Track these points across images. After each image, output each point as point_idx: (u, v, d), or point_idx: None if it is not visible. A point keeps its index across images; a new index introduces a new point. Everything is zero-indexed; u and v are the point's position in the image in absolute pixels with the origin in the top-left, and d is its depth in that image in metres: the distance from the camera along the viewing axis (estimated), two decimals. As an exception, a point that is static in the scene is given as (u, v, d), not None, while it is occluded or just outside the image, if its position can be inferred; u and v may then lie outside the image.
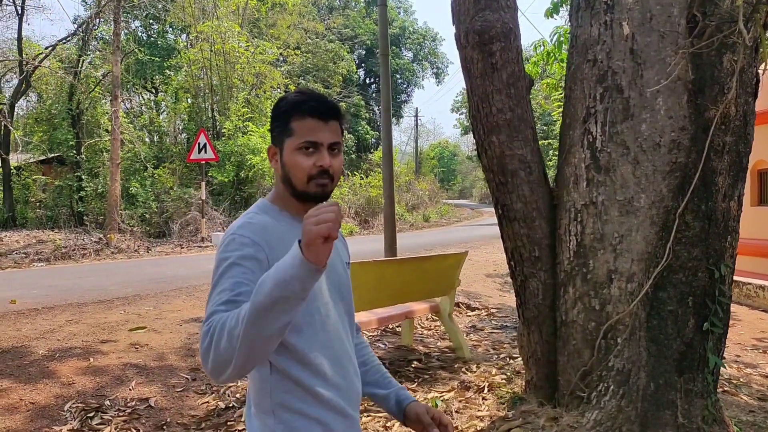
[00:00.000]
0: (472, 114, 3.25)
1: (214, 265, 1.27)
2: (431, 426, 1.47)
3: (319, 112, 1.33)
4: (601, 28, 3.05)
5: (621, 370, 2.93)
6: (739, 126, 3.14)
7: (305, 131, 1.32)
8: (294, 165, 1.33)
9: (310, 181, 1.32)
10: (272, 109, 1.40)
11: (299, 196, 1.35)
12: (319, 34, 31.10)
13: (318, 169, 1.31)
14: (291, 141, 1.33)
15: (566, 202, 3.15)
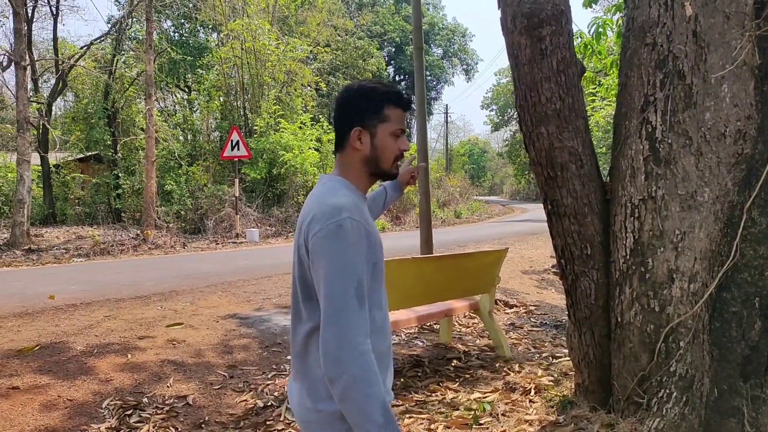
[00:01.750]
0: (518, 104, 3.09)
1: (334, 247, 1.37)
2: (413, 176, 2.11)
3: (406, 104, 1.57)
4: (660, 9, 2.85)
5: (683, 375, 2.75)
6: (811, 114, 2.92)
7: (398, 119, 1.55)
8: (387, 147, 1.54)
9: (394, 162, 1.57)
10: (357, 96, 1.55)
11: (381, 175, 1.58)
12: (349, 32, 31.03)
13: (401, 152, 1.57)
14: (386, 126, 1.53)
15: (622, 197, 2.97)
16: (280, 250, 13.36)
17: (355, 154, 1.54)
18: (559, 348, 5.25)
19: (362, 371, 1.32)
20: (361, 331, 1.34)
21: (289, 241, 16.32)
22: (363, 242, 1.39)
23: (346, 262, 1.36)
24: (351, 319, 1.33)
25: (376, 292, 1.49)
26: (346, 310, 1.34)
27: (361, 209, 1.45)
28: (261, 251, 13.26)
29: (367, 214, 1.50)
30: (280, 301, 7.06)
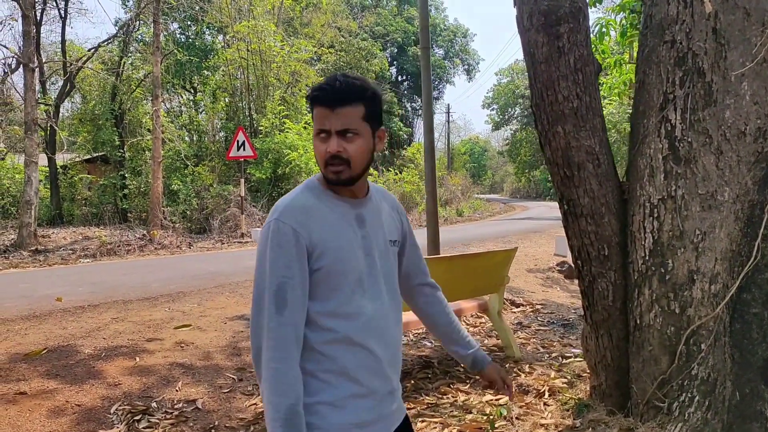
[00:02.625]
0: (534, 102, 3.04)
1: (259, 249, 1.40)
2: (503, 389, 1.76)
3: (322, 101, 1.38)
4: (679, 6, 2.80)
5: (706, 379, 2.69)
6: (832, 112, 2.86)
7: (318, 119, 1.40)
8: (315, 151, 1.43)
9: (326, 166, 1.40)
10: None
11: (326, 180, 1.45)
12: (352, 33, 31.03)
13: (328, 154, 1.38)
14: (315, 128, 1.41)
15: (640, 197, 2.91)
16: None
17: None
18: (568, 348, 5.19)
19: (267, 377, 1.33)
20: (274, 337, 1.33)
21: (294, 242, 16.27)
22: (288, 246, 1.34)
23: (265, 265, 1.36)
24: (263, 323, 1.34)
25: (333, 300, 1.40)
26: (260, 313, 1.35)
27: (301, 210, 1.39)
28: (267, 252, 13.23)
29: (319, 215, 1.40)
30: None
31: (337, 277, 1.40)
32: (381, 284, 1.49)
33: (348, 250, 1.42)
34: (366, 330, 1.43)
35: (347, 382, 1.41)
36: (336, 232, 1.41)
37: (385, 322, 1.48)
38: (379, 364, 1.46)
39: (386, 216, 1.57)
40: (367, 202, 1.52)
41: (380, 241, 1.51)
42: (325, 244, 1.39)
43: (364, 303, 1.43)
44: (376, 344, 1.45)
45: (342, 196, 1.46)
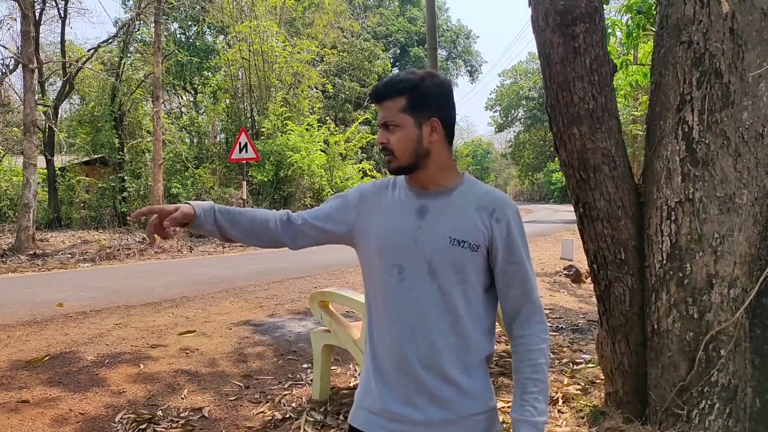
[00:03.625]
0: (549, 104, 2.98)
1: None
2: None
3: (372, 97, 1.51)
4: (696, 6, 2.74)
5: (726, 385, 2.63)
6: None
7: (378, 115, 1.50)
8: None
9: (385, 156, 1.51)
10: None
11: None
12: (355, 33, 30.98)
13: (379, 146, 1.50)
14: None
15: (657, 200, 2.85)
16: (289, 254, 13.26)
17: None
18: (578, 354, 5.13)
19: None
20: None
21: (296, 244, 16.21)
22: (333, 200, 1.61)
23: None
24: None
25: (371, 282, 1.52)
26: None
27: (368, 188, 1.59)
28: (269, 255, 13.16)
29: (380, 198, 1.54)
30: (293, 307, 6.96)
31: (376, 256, 1.47)
32: (428, 281, 1.41)
33: (393, 234, 1.46)
34: (396, 322, 1.43)
35: (373, 366, 1.49)
36: (387, 215, 1.49)
37: (421, 323, 1.40)
38: (406, 363, 1.41)
39: (460, 214, 1.44)
40: (439, 195, 1.47)
41: (439, 237, 1.42)
42: (374, 221, 1.50)
43: (398, 292, 1.43)
44: (405, 340, 1.42)
45: (411, 187, 1.51)
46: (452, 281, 1.41)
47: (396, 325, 1.43)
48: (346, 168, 21.69)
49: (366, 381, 1.52)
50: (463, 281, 1.42)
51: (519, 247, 1.46)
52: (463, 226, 1.43)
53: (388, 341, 1.45)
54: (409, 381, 1.42)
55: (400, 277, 1.42)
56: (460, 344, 1.43)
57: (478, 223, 1.44)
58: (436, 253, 1.41)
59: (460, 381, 1.42)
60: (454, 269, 1.41)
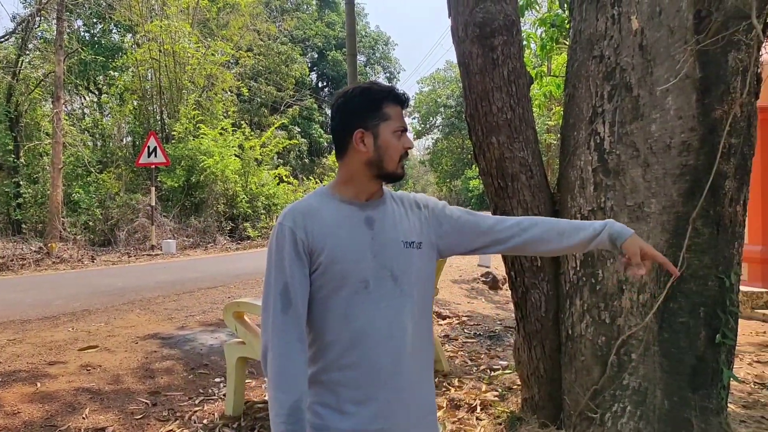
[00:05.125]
0: (468, 113, 3.00)
1: (267, 252, 1.48)
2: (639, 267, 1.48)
3: (404, 101, 1.51)
4: (608, 22, 2.85)
5: (637, 388, 2.73)
6: (744, 127, 3.00)
7: (398, 117, 1.49)
8: (391, 147, 1.47)
9: (399, 161, 1.49)
10: (353, 98, 1.50)
11: (386, 176, 1.49)
12: (271, 36, 30.51)
13: (405, 150, 1.50)
14: (388, 124, 1.47)
15: (571, 208, 2.93)
16: (200, 263, 12.77)
17: (357, 158, 1.49)
18: (495, 360, 5.22)
19: (272, 373, 1.38)
20: (278, 334, 1.38)
21: (208, 253, 15.66)
22: (288, 247, 1.41)
23: (271, 267, 1.44)
24: (269, 322, 1.40)
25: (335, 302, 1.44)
26: (267, 313, 1.42)
27: (302, 212, 1.45)
28: (180, 264, 12.61)
29: (321, 216, 1.45)
30: (205, 319, 6.65)
31: (338, 277, 1.42)
32: (391, 287, 1.45)
33: (351, 251, 1.43)
34: (367, 335, 1.43)
35: (348, 387, 1.43)
36: (337, 233, 1.44)
37: (390, 329, 1.44)
38: (380, 372, 1.43)
39: (401, 218, 1.53)
40: (379, 204, 1.52)
41: (393, 243, 1.47)
42: (325, 243, 1.42)
43: (367, 306, 1.43)
44: (379, 350, 1.43)
45: (351, 200, 1.49)
46: (413, 283, 1.48)
47: (367, 339, 1.43)
48: (261, 174, 21.24)
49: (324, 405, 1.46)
50: (421, 281, 1.51)
51: (450, 209, 1.62)
52: (407, 228, 1.52)
53: (356, 359, 1.43)
54: (387, 392, 1.44)
55: (366, 291, 1.43)
56: (425, 346, 1.53)
57: (415, 222, 1.54)
58: (395, 260, 1.46)
59: (427, 381, 1.53)
60: (413, 271, 1.49)
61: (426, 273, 1.53)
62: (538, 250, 1.59)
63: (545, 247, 1.57)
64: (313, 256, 1.42)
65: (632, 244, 1.48)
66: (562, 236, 1.55)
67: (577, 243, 1.55)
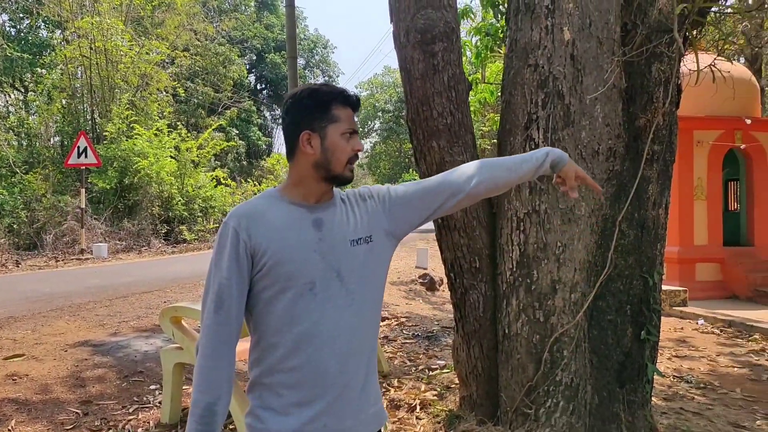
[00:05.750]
0: (410, 117, 3.06)
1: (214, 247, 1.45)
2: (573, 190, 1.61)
3: (353, 104, 1.50)
4: (542, 32, 2.97)
5: (569, 384, 2.85)
6: (666, 135, 3.20)
7: (348, 119, 1.48)
8: (340, 149, 1.46)
9: (347, 164, 1.48)
10: (301, 99, 1.48)
11: (334, 179, 1.48)
12: (209, 36, 29.86)
13: (355, 152, 1.49)
14: (336, 126, 1.46)
15: (507, 211, 3.04)
16: (134, 267, 12.34)
17: (304, 160, 1.47)
18: (433, 360, 5.31)
19: (195, 373, 1.39)
20: (207, 334, 1.38)
21: (142, 257, 15.16)
22: (230, 248, 1.40)
23: (212, 266, 1.43)
24: (203, 320, 1.40)
25: (281, 304, 1.41)
26: (203, 311, 1.41)
27: (247, 213, 1.43)
28: (112, 268, 12.14)
29: (267, 218, 1.43)
30: (139, 324, 6.44)
31: (283, 279, 1.40)
32: (338, 288, 1.44)
33: (297, 252, 1.41)
34: (313, 336, 1.41)
35: (292, 389, 1.42)
36: (284, 235, 1.42)
37: (336, 330, 1.43)
38: (325, 373, 1.42)
39: (349, 216, 1.52)
40: (329, 206, 1.51)
41: (340, 243, 1.46)
42: (270, 245, 1.40)
43: (313, 308, 1.41)
44: (324, 351, 1.41)
45: (300, 202, 1.48)
46: (360, 282, 1.48)
47: (312, 341, 1.41)
48: (198, 176, 20.74)
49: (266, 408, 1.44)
50: (370, 277, 1.50)
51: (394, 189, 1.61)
52: (354, 225, 1.50)
53: (301, 361, 1.41)
54: (332, 393, 1.43)
55: (312, 293, 1.41)
56: (371, 342, 1.52)
57: (363, 216, 1.53)
58: (342, 260, 1.45)
59: (372, 374, 1.53)
60: (360, 270, 1.47)
61: (375, 268, 1.52)
62: (492, 188, 1.62)
63: (497, 184, 1.61)
64: (256, 257, 1.40)
65: (569, 169, 1.61)
66: (510, 171, 1.61)
67: (524, 174, 1.62)
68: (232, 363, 1.42)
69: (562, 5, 2.94)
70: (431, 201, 1.58)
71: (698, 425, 3.69)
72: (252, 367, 1.48)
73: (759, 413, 4.18)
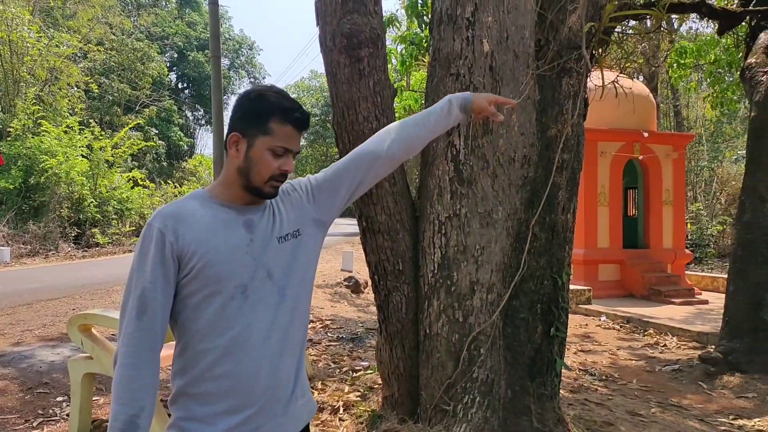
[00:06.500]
0: (336, 121, 3.10)
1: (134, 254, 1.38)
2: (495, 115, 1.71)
3: (301, 124, 1.42)
4: (463, 43, 3.09)
5: (485, 380, 2.97)
6: (574, 145, 3.41)
7: (284, 137, 1.40)
8: (262, 163, 1.40)
9: (269, 181, 1.41)
10: (246, 100, 1.44)
11: (253, 190, 1.42)
12: (126, 31, 28.67)
13: (281, 172, 1.42)
14: (267, 140, 1.40)
15: (430, 214, 3.13)
16: (40, 272, 11.63)
17: (231, 162, 1.44)
18: (357, 361, 5.36)
19: (114, 383, 1.31)
20: (128, 343, 1.31)
21: (49, 261, 14.31)
22: (154, 250, 1.33)
23: (133, 269, 1.36)
24: (123, 327, 1.33)
25: (210, 309, 1.36)
26: (123, 317, 1.34)
27: (174, 215, 1.37)
28: (15, 273, 11.40)
29: (195, 220, 1.37)
30: (45, 333, 6.09)
31: (212, 282, 1.36)
32: (269, 288, 1.41)
33: (228, 254, 1.37)
34: (244, 341, 1.38)
35: (221, 397, 1.37)
36: (213, 237, 1.37)
37: (268, 332, 1.40)
38: (257, 378, 1.39)
39: (277, 214, 1.49)
40: (260, 208, 1.48)
41: (270, 242, 1.44)
42: (198, 247, 1.35)
43: (244, 312, 1.38)
44: (254, 356, 1.38)
45: (230, 203, 1.44)
46: (290, 279, 1.46)
47: (243, 346, 1.37)
48: (113, 176, 19.84)
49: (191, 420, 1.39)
50: (299, 274, 1.48)
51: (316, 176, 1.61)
52: (282, 222, 1.48)
53: (231, 368, 1.37)
54: (264, 397, 1.40)
55: (243, 296, 1.38)
56: (303, 339, 1.52)
57: (289, 210, 1.51)
58: (273, 260, 1.43)
59: (302, 370, 1.53)
60: (289, 265, 1.46)
61: (305, 261, 1.50)
62: (407, 147, 1.64)
63: (411, 141, 1.64)
64: (183, 260, 1.35)
65: (479, 103, 1.68)
66: (418, 125, 1.65)
67: (435, 124, 1.66)
68: (156, 372, 1.34)
69: (482, 18, 3.08)
70: (352, 176, 1.58)
71: (600, 414, 3.94)
72: (176, 377, 1.41)
73: (653, 401, 4.52)
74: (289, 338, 1.45)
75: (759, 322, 5.64)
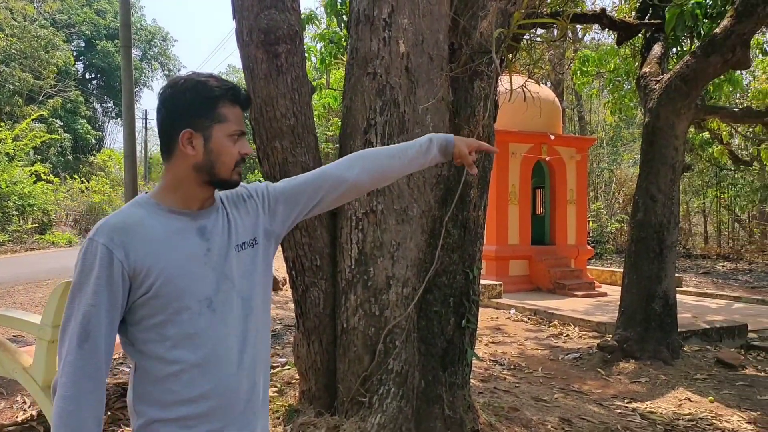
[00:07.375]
0: (253, 117, 3.09)
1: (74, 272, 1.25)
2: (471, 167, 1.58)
3: (243, 101, 1.36)
4: (380, 43, 3.18)
5: (400, 371, 3.07)
6: (486, 145, 3.58)
7: (236, 119, 1.34)
8: (224, 152, 1.33)
9: (235, 168, 1.35)
10: (183, 92, 1.31)
11: (219, 183, 1.36)
12: (28, 17, 26.86)
13: (242, 156, 1.35)
14: (223, 127, 1.32)
15: (347, 211, 3.19)
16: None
17: (184, 162, 1.32)
18: (275, 357, 5.36)
19: (54, 416, 1.20)
20: (69, 372, 1.20)
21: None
22: (99, 270, 1.21)
23: (74, 289, 1.23)
24: (62, 355, 1.21)
25: (175, 327, 1.27)
26: (62, 343, 1.22)
27: (121, 228, 1.25)
28: None
29: (146, 232, 1.26)
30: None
31: (175, 298, 1.26)
32: (235, 299, 1.35)
33: (187, 267, 1.28)
34: (220, 357, 1.31)
35: (203, 418, 1.29)
36: (168, 249, 1.27)
37: (243, 344, 1.35)
38: (239, 391, 1.34)
39: (233, 220, 1.41)
40: (211, 211, 1.38)
41: (228, 250, 1.36)
42: (153, 262, 1.24)
43: (215, 326, 1.31)
44: (231, 370, 1.32)
45: (181, 209, 1.33)
46: (252, 289, 1.40)
47: (219, 362, 1.31)
48: (14, 170, 18.58)
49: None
50: (260, 283, 1.42)
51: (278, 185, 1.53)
52: (238, 229, 1.41)
53: (210, 387, 1.30)
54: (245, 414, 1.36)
55: (210, 310, 1.30)
56: (267, 348, 1.47)
57: (245, 218, 1.44)
58: (233, 268, 1.36)
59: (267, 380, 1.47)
60: (250, 275, 1.40)
61: (262, 271, 1.44)
62: (377, 177, 1.56)
63: (383, 172, 1.55)
64: (137, 279, 1.24)
65: (460, 149, 1.56)
66: (393, 158, 1.55)
67: (411, 159, 1.57)
68: (100, 400, 1.24)
69: (398, 20, 3.17)
70: (312, 194, 1.50)
71: (507, 401, 4.16)
72: (141, 404, 1.30)
73: (556, 388, 4.82)
74: (260, 350, 1.41)
75: (650, 313, 6.12)
